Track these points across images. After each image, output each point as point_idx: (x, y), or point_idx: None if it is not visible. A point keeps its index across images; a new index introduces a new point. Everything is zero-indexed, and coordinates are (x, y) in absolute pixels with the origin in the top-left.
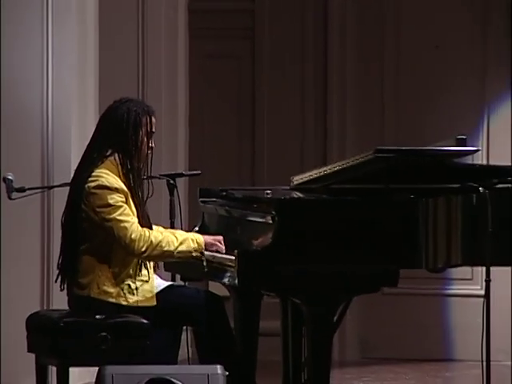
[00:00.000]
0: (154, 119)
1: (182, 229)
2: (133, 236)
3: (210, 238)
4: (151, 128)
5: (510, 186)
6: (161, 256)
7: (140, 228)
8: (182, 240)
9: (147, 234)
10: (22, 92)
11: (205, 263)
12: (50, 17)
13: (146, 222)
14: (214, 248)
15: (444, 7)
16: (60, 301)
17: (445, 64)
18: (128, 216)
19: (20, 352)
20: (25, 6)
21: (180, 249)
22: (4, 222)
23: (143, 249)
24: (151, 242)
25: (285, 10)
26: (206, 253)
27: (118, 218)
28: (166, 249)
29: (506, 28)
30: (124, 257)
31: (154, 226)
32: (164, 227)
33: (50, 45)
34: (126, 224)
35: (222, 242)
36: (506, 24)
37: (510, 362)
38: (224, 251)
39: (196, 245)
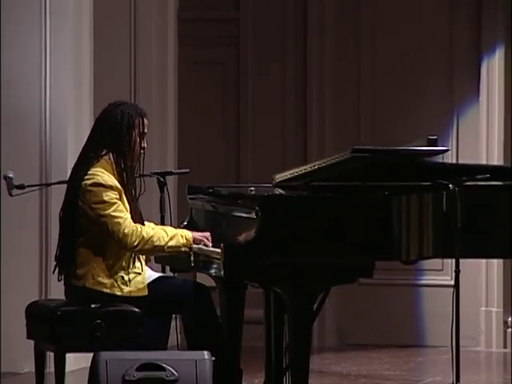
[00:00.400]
0: (146, 121)
1: (171, 224)
2: (126, 231)
3: (197, 234)
4: (143, 129)
5: (478, 183)
6: (152, 250)
7: (133, 223)
8: (172, 236)
9: (139, 229)
10: (22, 95)
11: (192, 258)
12: (48, 23)
13: (138, 217)
14: (202, 243)
15: (416, 15)
16: (57, 291)
17: (417, 69)
18: (121, 212)
19: (20, 339)
20: (23, 11)
21: (170, 244)
22: (4, 218)
23: (135, 243)
24: (143, 236)
25: (267, 19)
26: (194, 246)
27: (113, 213)
28: (156, 244)
29: (472, 39)
30: (118, 250)
31: (145, 222)
32: (155, 223)
33: (48, 50)
34: (119, 219)
35: (210, 238)
36: (471, 34)
37: (477, 348)
38: (211, 246)
39: (185, 240)
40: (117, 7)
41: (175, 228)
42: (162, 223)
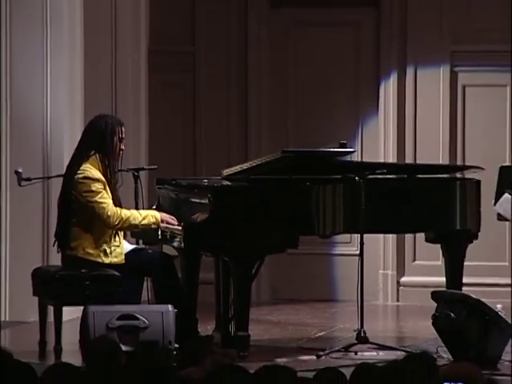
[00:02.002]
0: (123, 129)
1: (143, 208)
2: (109, 213)
3: (164, 215)
4: (122, 135)
5: (377, 176)
6: (128, 227)
7: (114, 208)
8: (144, 216)
9: (119, 211)
10: (28, 108)
11: (159, 232)
12: (49, 51)
13: (118, 202)
14: (170, 219)
15: (332, 50)
16: (56, 259)
17: (332, 90)
18: (105, 199)
19: (27, 296)
20: (30, 40)
21: (143, 222)
22: (15, 203)
23: (116, 222)
24: (122, 217)
25: (216, 52)
26: (161, 225)
27: (98, 200)
28: (132, 222)
29: (372, 67)
30: (102, 228)
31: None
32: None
33: (49, 72)
34: (103, 205)
35: (174, 218)
36: (372, 63)
37: (377, 302)
38: (175, 224)
39: (154, 219)
40: (102, 41)
41: (147, 210)
42: (137, 208)
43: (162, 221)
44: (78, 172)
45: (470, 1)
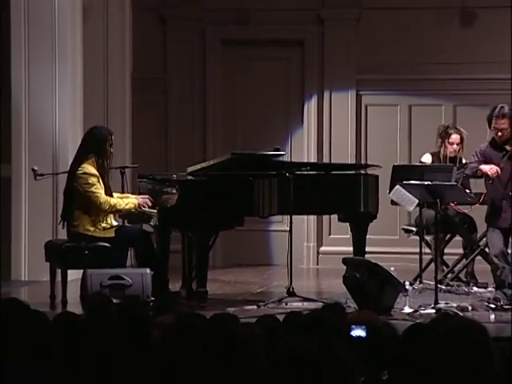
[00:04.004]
0: (112, 137)
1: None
2: (101, 200)
3: (140, 198)
4: (111, 142)
5: (303, 172)
6: (116, 211)
7: (106, 196)
8: (127, 202)
9: (109, 199)
10: (42, 123)
11: (137, 212)
12: (57, 77)
13: (109, 192)
14: (145, 203)
15: (273, 74)
16: (62, 234)
17: (270, 107)
18: (99, 190)
19: (41, 261)
20: (44, 73)
21: (125, 207)
22: (32, 193)
23: (106, 207)
24: (111, 204)
25: (182, 78)
26: (139, 209)
27: (94, 190)
28: (118, 207)
29: (298, 90)
30: (97, 211)
31: (114, 194)
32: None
33: (57, 94)
34: (98, 194)
35: (150, 199)
36: (297, 86)
37: (302, 266)
38: (151, 204)
39: (133, 205)
40: (96, 71)
41: (132, 194)
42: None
43: (139, 205)
44: (79, 169)
45: (370, 42)
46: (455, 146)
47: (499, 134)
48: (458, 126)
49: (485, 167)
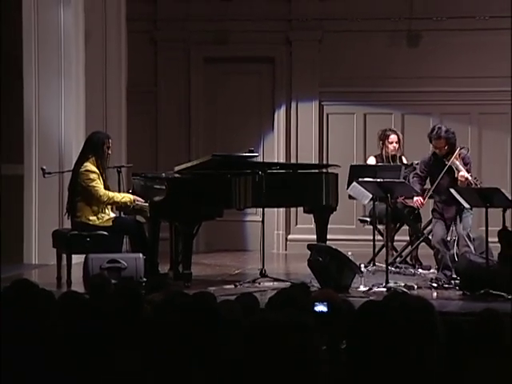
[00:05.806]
0: (110, 140)
1: (123, 192)
2: (100, 194)
3: (136, 197)
4: (109, 144)
5: (273, 171)
6: (114, 204)
7: (104, 190)
8: (124, 196)
9: (107, 193)
10: (50, 129)
11: (131, 207)
12: (63, 89)
13: (107, 188)
14: (138, 200)
15: (246, 87)
16: (67, 224)
17: (247, 117)
18: (99, 185)
19: (49, 247)
20: (51, 87)
21: (122, 201)
22: (41, 188)
23: (105, 200)
24: (109, 197)
25: (170, 91)
26: (134, 203)
27: (94, 185)
28: (116, 200)
29: (269, 99)
30: (97, 203)
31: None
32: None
33: (63, 107)
34: (97, 189)
35: (141, 199)
36: (270, 96)
37: (273, 251)
38: (143, 202)
39: (129, 199)
40: (97, 85)
41: (126, 193)
42: (119, 192)
43: (134, 200)
44: (81, 167)
45: (331, 60)
46: (394, 144)
47: (437, 150)
48: (393, 128)
49: (413, 200)
